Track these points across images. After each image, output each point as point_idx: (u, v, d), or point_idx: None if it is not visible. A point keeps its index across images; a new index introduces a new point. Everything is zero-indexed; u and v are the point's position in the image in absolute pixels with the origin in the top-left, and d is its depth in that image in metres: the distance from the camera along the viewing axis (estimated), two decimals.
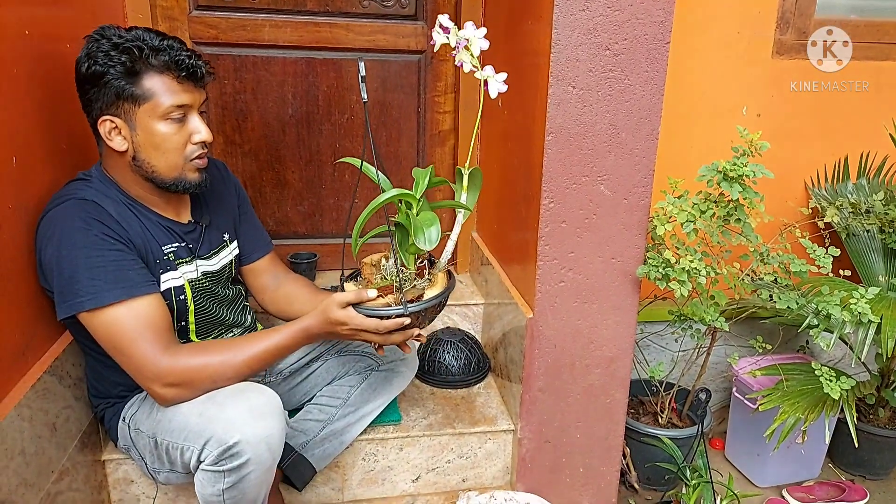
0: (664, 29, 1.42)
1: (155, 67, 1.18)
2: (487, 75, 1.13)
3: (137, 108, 1.19)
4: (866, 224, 1.99)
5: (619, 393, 1.64)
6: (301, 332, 1.28)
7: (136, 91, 1.18)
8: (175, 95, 1.20)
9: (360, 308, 1.20)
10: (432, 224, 1.14)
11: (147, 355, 1.18)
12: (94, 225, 1.19)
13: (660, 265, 1.50)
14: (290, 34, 1.92)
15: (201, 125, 1.26)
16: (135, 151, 1.23)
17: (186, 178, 1.28)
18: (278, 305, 1.56)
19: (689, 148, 2.03)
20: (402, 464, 1.68)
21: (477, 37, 1.10)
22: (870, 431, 1.95)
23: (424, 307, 1.18)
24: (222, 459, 1.16)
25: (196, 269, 1.38)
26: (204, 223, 1.41)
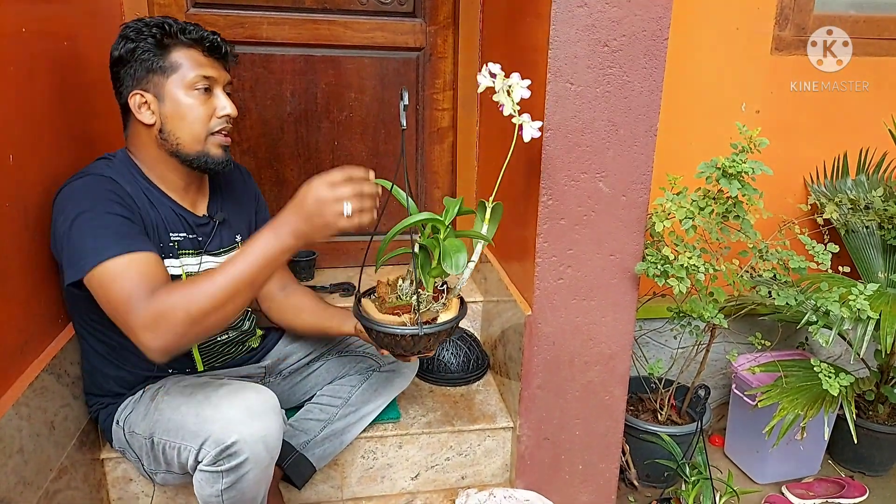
0: (662, 25, 1.41)
1: (182, 42, 1.26)
2: (524, 121, 1.19)
3: (166, 80, 1.25)
4: (865, 220, 1.99)
5: (619, 390, 1.64)
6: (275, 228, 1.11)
7: (164, 63, 1.25)
8: (201, 67, 1.26)
9: (374, 324, 1.21)
10: (460, 250, 1.17)
11: (130, 301, 1.10)
12: (107, 194, 1.21)
13: (658, 262, 1.49)
14: (288, 31, 1.92)
15: (226, 100, 1.30)
16: (162, 123, 1.27)
17: (209, 153, 1.30)
18: (284, 315, 1.55)
19: (687, 144, 2.03)
20: (402, 461, 1.68)
21: (520, 85, 1.18)
22: (869, 428, 1.95)
23: (438, 330, 1.20)
24: (220, 459, 1.16)
25: (200, 264, 1.36)
26: (218, 219, 1.41)
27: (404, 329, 1.19)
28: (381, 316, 1.23)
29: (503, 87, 1.18)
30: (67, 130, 1.43)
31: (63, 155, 1.41)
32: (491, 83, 1.19)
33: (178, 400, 1.26)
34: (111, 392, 1.38)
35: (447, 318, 1.23)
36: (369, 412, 1.60)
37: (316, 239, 1.12)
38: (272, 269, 1.13)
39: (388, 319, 1.22)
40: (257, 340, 1.59)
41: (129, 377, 1.37)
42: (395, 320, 1.21)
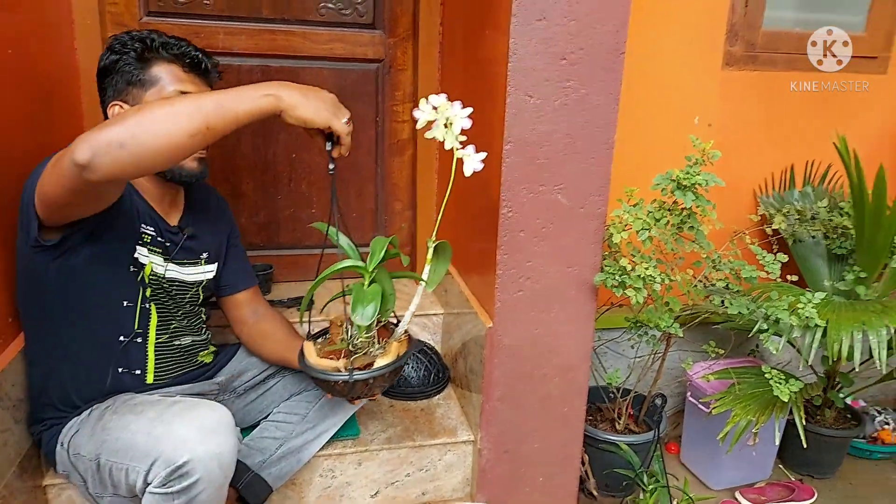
0: (619, 39, 1.44)
1: (164, 57, 1.28)
2: (466, 154, 1.12)
3: (145, 93, 1.27)
4: (811, 230, 2.06)
5: (578, 401, 1.65)
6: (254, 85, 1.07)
7: (143, 77, 1.27)
8: (180, 83, 1.28)
9: (309, 370, 1.20)
10: (372, 301, 1.14)
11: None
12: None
13: (616, 273, 1.51)
14: (245, 42, 1.89)
15: None
16: None
17: (185, 165, 1.32)
18: (253, 340, 1.56)
19: (643, 157, 2.07)
20: (361, 479, 1.65)
21: (460, 116, 1.10)
22: (817, 432, 2.01)
23: (371, 376, 1.17)
24: (171, 480, 1.11)
25: (165, 269, 1.38)
26: (187, 232, 1.43)
27: (334, 375, 1.17)
28: (317, 360, 1.21)
29: (442, 120, 1.10)
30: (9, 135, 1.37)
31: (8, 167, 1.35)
32: (430, 117, 1.09)
33: (126, 418, 1.21)
34: (56, 410, 1.33)
35: (383, 363, 1.19)
36: (327, 429, 1.57)
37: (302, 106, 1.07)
38: (244, 109, 1.04)
39: (321, 364, 1.20)
40: (210, 356, 1.55)
41: (78, 391, 1.32)
42: (329, 365, 1.19)
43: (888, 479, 2.13)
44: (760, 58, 2.11)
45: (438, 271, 1.22)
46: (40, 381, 1.34)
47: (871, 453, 2.21)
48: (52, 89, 1.59)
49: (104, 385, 1.33)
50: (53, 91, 1.60)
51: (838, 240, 2.04)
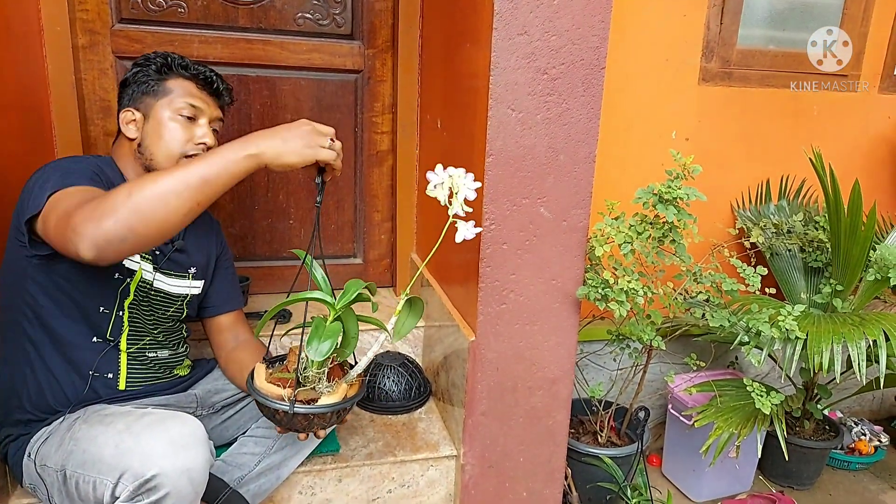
0: (599, 55, 1.44)
1: (181, 74, 1.36)
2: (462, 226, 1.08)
3: (156, 101, 1.34)
4: (788, 244, 2.09)
5: (561, 414, 1.64)
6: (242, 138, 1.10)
7: (158, 87, 1.34)
8: (190, 96, 1.35)
9: (254, 391, 1.18)
10: (329, 338, 1.11)
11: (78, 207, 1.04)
12: (85, 162, 1.27)
13: (599, 286, 1.51)
14: (220, 51, 1.86)
15: (209, 132, 1.37)
16: (142, 139, 1.34)
17: None
18: (231, 368, 1.52)
19: (623, 170, 2.08)
20: (342, 496, 1.61)
21: (468, 187, 1.08)
22: (796, 443, 2.03)
23: (310, 412, 1.14)
24: (139, 494, 1.08)
25: (153, 276, 1.39)
26: (177, 245, 1.44)
27: (275, 403, 1.14)
28: (263, 384, 1.18)
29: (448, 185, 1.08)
30: None
31: None
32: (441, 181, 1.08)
33: (96, 430, 1.17)
34: (26, 413, 1.30)
35: (326, 402, 1.15)
36: (307, 445, 1.53)
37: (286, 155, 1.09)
38: (228, 172, 1.07)
39: (267, 389, 1.16)
40: (186, 370, 1.52)
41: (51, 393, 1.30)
42: (271, 391, 1.16)
43: (866, 490, 2.15)
44: (735, 74, 2.15)
45: (407, 325, 1.17)
46: (10, 381, 1.31)
47: (849, 464, 2.23)
48: (17, 98, 1.54)
49: (75, 388, 1.31)
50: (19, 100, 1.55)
51: (814, 253, 2.07)
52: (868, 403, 2.59)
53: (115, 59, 1.78)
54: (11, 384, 1.31)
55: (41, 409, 1.30)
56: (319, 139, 1.13)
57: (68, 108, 1.73)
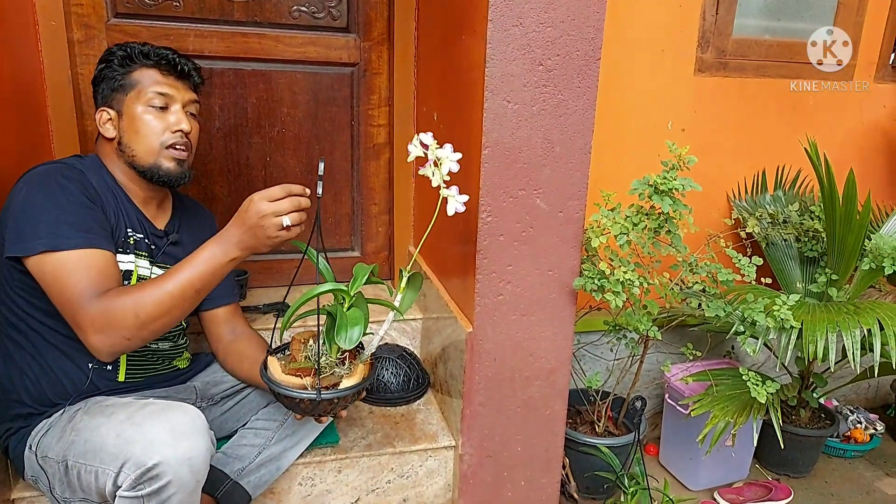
0: (595, 46, 1.45)
1: (145, 63, 1.34)
2: (450, 195, 1.19)
3: (125, 97, 1.33)
4: (784, 234, 2.10)
5: (559, 404, 1.65)
6: (220, 240, 1.21)
7: (125, 82, 1.33)
8: (157, 85, 1.34)
9: (274, 385, 1.21)
10: (357, 324, 1.16)
11: (82, 301, 1.16)
12: (73, 182, 1.26)
13: (595, 277, 1.52)
14: (216, 44, 1.86)
15: (183, 118, 1.36)
16: (120, 137, 1.35)
17: (162, 165, 1.35)
18: (228, 360, 1.53)
19: (619, 161, 2.09)
20: (341, 487, 1.62)
21: (450, 159, 1.18)
22: (792, 432, 2.04)
23: (336, 396, 1.19)
24: (141, 483, 1.09)
25: (151, 271, 1.40)
26: (172, 238, 1.45)
27: (301, 393, 1.18)
28: (282, 376, 1.21)
29: (432, 159, 1.18)
30: None
31: None
32: (422, 153, 1.19)
33: (97, 420, 1.18)
34: (26, 407, 1.30)
35: (349, 384, 1.21)
36: (306, 436, 1.54)
37: (259, 250, 1.20)
38: (218, 277, 1.22)
39: (288, 381, 1.20)
40: (185, 362, 1.53)
41: (42, 399, 1.29)
42: (296, 382, 1.20)
43: (861, 477, 2.17)
44: (731, 64, 2.15)
45: (409, 299, 1.25)
46: (7, 376, 1.31)
47: (845, 452, 2.25)
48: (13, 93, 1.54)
49: (74, 381, 1.31)
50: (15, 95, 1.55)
51: (809, 242, 2.08)
52: (864, 391, 2.60)
53: None
54: (9, 379, 1.32)
55: (40, 402, 1.31)
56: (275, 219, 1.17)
57: (64, 103, 1.73)
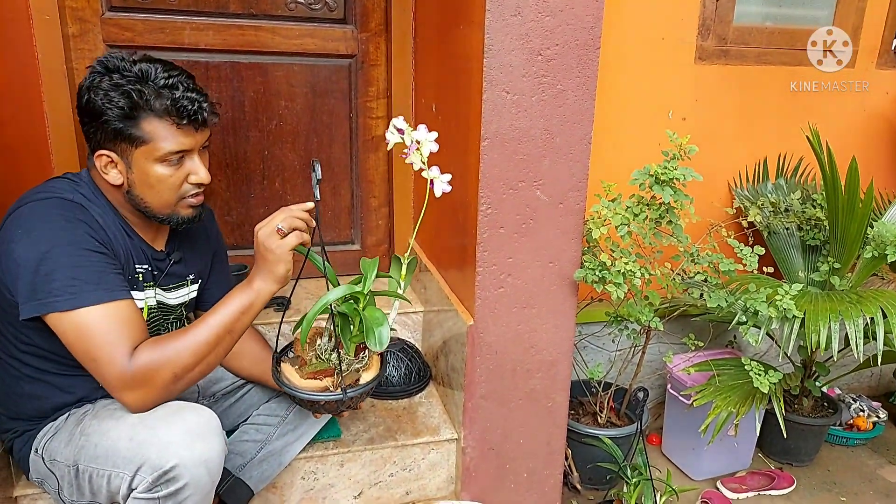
0: (594, 35, 1.43)
1: (154, 112, 1.16)
2: (434, 176, 1.17)
3: (134, 150, 1.18)
4: (786, 222, 2.08)
5: (561, 396, 1.65)
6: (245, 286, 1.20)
7: (133, 133, 1.17)
8: (174, 140, 1.18)
9: (297, 392, 1.20)
10: (382, 324, 1.15)
11: (112, 359, 1.11)
12: (79, 225, 1.16)
13: (596, 268, 1.51)
14: (212, 37, 1.84)
15: (200, 167, 1.24)
16: (129, 187, 1.22)
17: (179, 214, 1.27)
18: (230, 359, 1.47)
19: (619, 151, 2.07)
20: (344, 480, 1.62)
21: (428, 140, 1.16)
22: (795, 421, 2.04)
23: (361, 392, 1.21)
24: (157, 485, 1.09)
25: (154, 295, 1.34)
26: (174, 258, 1.38)
27: (328, 395, 1.19)
28: (303, 383, 1.21)
29: (412, 143, 1.16)
30: None
31: None
32: (399, 139, 1.17)
33: (107, 424, 1.17)
34: (28, 416, 1.28)
35: (369, 377, 1.22)
36: (308, 430, 1.54)
37: (276, 270, 1.17)
38: (251, 316, 1.20)
39: (310, 386, 1.21)
40: None
41: (53, 399, 1.27)
42: (318, 386, 1.20)
43: (864, 465, 2.17)
44: (732, 52, 2.13)
45: (407, 283, 1.26)
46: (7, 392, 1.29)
47: (848, 440, 2.25)
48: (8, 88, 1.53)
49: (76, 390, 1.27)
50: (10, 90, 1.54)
51: (811, 231, 2.06)
52: (866, 380, 2.60)
53: (107, 48, 1.76)
54: (7, 397, 1.29)
55: (42, 413, 1.28)
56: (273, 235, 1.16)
57: (60, 98, 1.71)
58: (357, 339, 1.22)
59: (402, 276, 1.23)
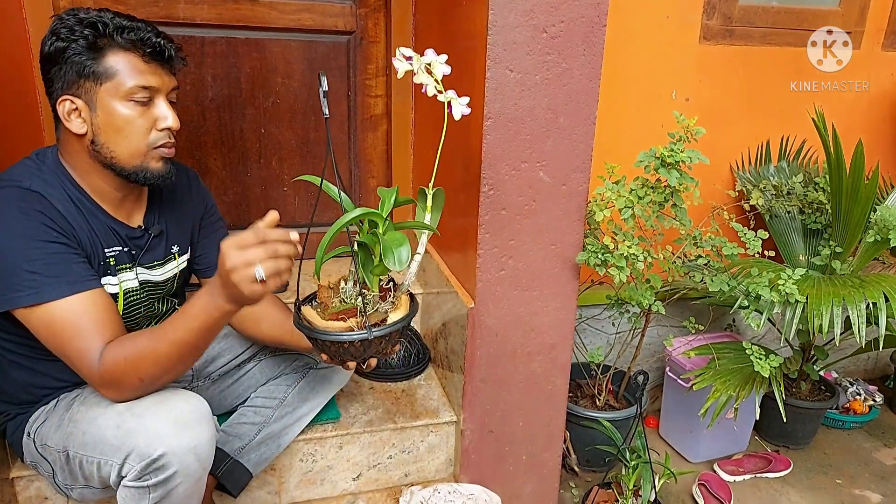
0: (600, 11, 1.40)
1: (119, 44, 1.11)
2: (451, 97, 1.10)
3: (99, 87, 1.12)
4: (788, 206, 2.07)
5: (560, 379, 1.64)
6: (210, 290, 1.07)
7: (97, 68, 1.11)
8: (140, 76, 1.13)
9: (318, 333, 1.11)
10: (402, 244, 1.07)
11: (85, 355, 1.09)
12: (35, 215, 1.11)
13: (599, 251, 1.49)
14: (207, 11, 1.79)
15: (169, 111, 1.18)
16: (94, 134, 1.15)
17: (149, 167, 1.19)
18: (244, 324, 1.43)
19: (621, 132, 2.04)
20: (342, 462, 1.62)
21: (438, 62, 1.09)
22: (792, 404, 2.04)
23: (389, 331, 1.11)
24: (146, 474, 1.07)
25: (136, 276, 1.28)
26: (154, 232, 1.30)
27: (352, 335, 1.09)
28: (325, 322, 1.12)
29: (421, 68, 1.09)
30: None
31: None
32: (409, 66, 1.10)
33: (94, 411, 1.15)
34: (19, 401, 1.26)
35: (397, 317, 1.13)
36: (307, 412, 1.53)
37: (252, 300, 1.03)
38: (215, 331, 1.11)
39: (332, 326, 1.11)
40: None
41: (42, 385, 1.25)
42: (341, 326, 1.11)
43: (860, 448, 2.18)
44: (737, 32, 2.09)
45: (434, 219, 1.18)
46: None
47: (844, 423, 2.26)
48: None
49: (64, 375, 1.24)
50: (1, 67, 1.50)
51: (813, 215, 2.05)
52: (863, 363, 2.61)
53: None
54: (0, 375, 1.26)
55: (34, 397, 1.26)
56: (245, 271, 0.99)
57: None
58: (379, 270, 1.14)
59: (428, 207, 1.15)
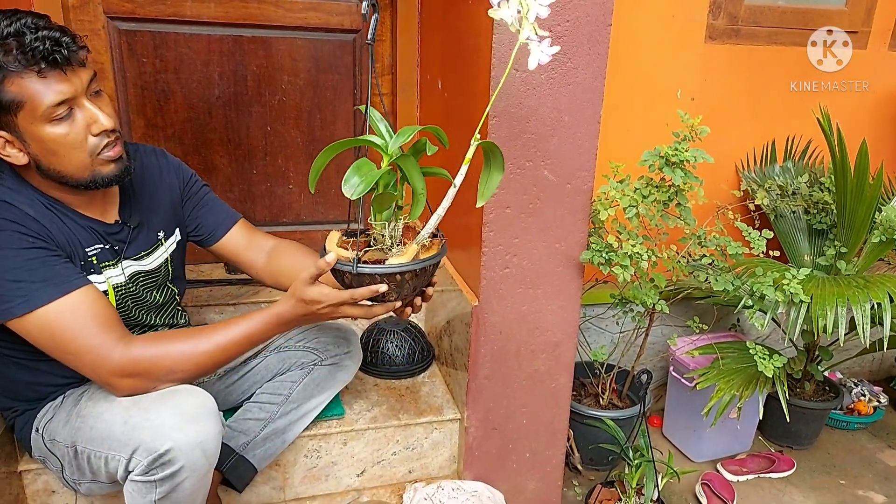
0: (605, 10, 1.40)
1: (11, 69, 1.02)
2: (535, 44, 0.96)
3: (16, 118, 1.06)
4: (793, 206, 2.07)
5: (564, 377, 1.64)
6: (273, 317, 1.18)
7: (4, 101, 1.04)
8: (48, 94, 1.04)
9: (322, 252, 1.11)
10: (364, 175, 1.03)
11: (96, 349, 1.10)
12: (6, 225, 1.09)
13: (603, 250, 1.50)
14: (214, 10, 1.80)
15: (97, 112, 1.10)
16: (36, 161, 1.11)
17: (101, 173, 1.15)
18: (277, 280, 1.41)
19: (626, 131, 2.05)
20: (347, 458, 1.63)
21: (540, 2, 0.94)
22: (797, 404, 2.04)
23: (375, 272, 1.07)
24: (153, 468, 1.08)
25: (122, 271, 1.27)
26: (132, 224, 1.28)
27: (342, 265, 1.08)
28: (331, 246, 1.12)
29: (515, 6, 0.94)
30: None
31: None
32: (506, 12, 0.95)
33: (101, 406, 1.16)
34: (26, 398, 1.27)
35: (395, 262, 1.09)
36: (312, 408, 1.54)
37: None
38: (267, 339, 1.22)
39: (336, 251, 1.10)
40: None
41: (47, 383, 1.26)
42: (340, 253, 1.10)
43: (864, 448, 2.18)
44: (743, 31, 2.09)
45: (492, 181, 1.08)
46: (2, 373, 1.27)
47: (848, 424, 2.26)
48: None
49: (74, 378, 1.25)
50: None
51: (818, 215, 2.05)
52: (868, 364, 2.60)
53: (107, 20, 1.73)
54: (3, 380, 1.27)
55: (40, 395, 1.27)
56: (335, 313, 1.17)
57: None
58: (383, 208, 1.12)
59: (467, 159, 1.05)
